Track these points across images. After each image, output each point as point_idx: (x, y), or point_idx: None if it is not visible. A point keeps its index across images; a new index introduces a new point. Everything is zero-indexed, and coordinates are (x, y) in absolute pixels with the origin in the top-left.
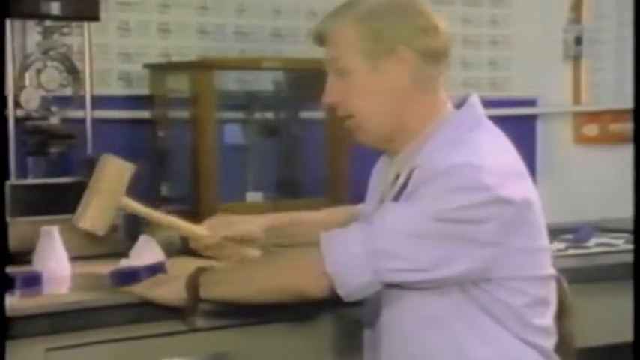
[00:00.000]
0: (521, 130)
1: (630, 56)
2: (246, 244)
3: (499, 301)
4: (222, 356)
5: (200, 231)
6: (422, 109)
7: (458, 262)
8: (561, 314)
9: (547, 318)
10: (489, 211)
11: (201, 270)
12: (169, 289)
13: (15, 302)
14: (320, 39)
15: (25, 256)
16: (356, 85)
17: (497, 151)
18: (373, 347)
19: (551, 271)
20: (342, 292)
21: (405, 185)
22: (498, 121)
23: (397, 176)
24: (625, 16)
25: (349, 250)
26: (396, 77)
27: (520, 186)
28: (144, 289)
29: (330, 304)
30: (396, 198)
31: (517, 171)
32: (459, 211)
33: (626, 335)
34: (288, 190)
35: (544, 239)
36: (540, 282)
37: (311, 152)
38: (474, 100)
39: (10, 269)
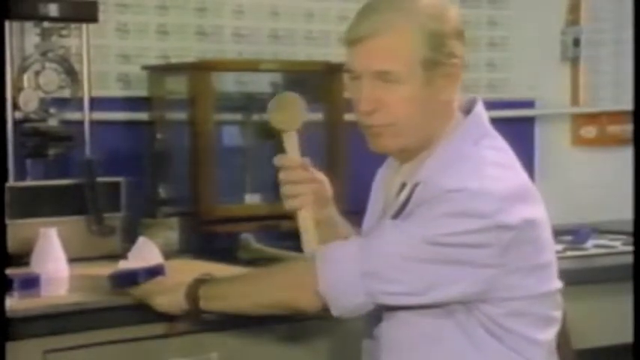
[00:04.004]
0: (519, 131)
1: (629, 58)
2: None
3: (498, 323)
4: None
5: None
6: (444, 122)
7: (453, 285)
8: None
9: (549, 334)
10: (486, 236)
11: (199, 282)
12: (170, 300)
13: (13, 304)
14: (363, 40)
15: (23, 258)
16: (405, 96)
17: (498, 171)
18: (373, 359)
19: (556, 285)
20: (334, 311)
21: (406, 201)
22: (496, 122)
23: (402, 187)
24: (623, 18)
25: (343, 270)
26: (445, 92)
27: (521, 208)
28: (144, 297)
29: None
30: (397, 214)
31: (519, 192)
32: (455, 236)
33: (625, 337)
34: None
35: (548, 254)
36: (543, 299)
37: (310, 154)
38: (480, 109)
39: (8, 271)
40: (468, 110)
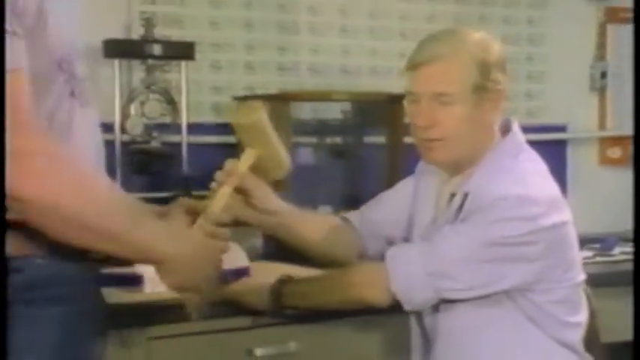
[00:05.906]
0: (553, 153)
1: None
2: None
3: (541, 308)
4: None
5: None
6: (487, 140)
7: (508, 278)
8: (588, 316)
9: (581, 317)
10: (534, 237)
11: (281, 282)
12: (256, 299)
13: (121, 297)
14: (423, 65)
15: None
16: (457, 115)
17: (538, 179)
18: (425, 350)
19: (583, 276)
20: (407, 306)
21: (460, 208)
22: (533, 145)
23: (451, 196)
24: None
25: (411, 270)
26: (490, 114)
27: (559, 211)
28: (232, 294)
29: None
30: (452, 221)
31: (556, 197)
32: (508, 238)
33: None
34: (353, 203)
35: (576, 249)
36: (576, 288)
37: (373, 172)
38: (516, 128)
39: (116, 269)
40: (504, 130)
